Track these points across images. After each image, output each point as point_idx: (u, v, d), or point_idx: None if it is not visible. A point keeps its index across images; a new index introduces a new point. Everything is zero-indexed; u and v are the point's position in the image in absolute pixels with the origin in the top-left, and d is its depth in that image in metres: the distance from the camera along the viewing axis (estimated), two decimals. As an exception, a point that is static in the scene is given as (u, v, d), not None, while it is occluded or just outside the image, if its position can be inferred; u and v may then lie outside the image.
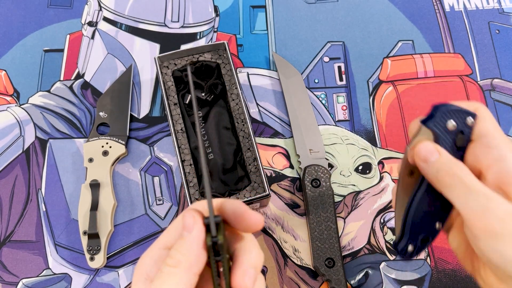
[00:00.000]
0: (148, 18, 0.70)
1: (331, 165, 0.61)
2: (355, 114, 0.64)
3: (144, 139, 0.62)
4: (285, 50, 0.68)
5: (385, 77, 0.66)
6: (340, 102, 0.65)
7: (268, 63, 0.67)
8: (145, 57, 0.67)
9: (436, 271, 0.56)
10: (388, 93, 0.65)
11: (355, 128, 0.63)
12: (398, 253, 0.36)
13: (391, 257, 0.57)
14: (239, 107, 0.58)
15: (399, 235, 0.36)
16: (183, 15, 0.70)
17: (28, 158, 0.61)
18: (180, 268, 0.27)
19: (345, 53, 0.68)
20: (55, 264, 0.56)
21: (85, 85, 0.66)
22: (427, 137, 0.33)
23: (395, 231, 0.36)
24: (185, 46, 0.68)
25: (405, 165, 0.35)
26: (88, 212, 0.56)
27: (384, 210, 0.59)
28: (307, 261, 0.57)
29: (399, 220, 0.36)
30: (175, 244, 0.28)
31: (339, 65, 0.67)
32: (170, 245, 0.29)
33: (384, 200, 0.59)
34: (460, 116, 0.33)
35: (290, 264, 0.56)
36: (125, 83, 0.64)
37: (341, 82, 0.66)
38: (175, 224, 0.30)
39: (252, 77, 0.66)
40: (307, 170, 0.58)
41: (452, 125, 0.33)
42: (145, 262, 0.29)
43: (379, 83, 0.66)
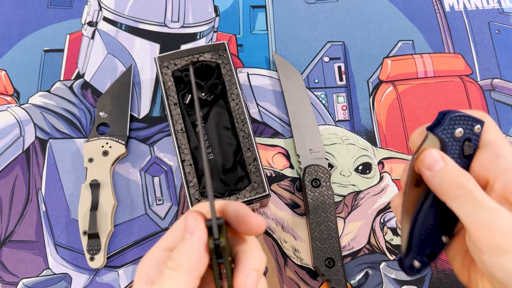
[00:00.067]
0: (148, 18, 0.70)
1: (331, 165, 0.61)
2: (355, 114, 0.64)
3: (144, 139, 0.62)
4: (285, 50, 0.68)
5: (385, 77, 0.66)
6: (340, 102, 0.65)
7: (268, 63, 0.67)
8: (145, 57, 0.67)
9: (436, 271, 0.56)
10: (388, 93, 0.65)
11: (355, 128, 0.63)
12: (404, 270, 0.34)
13: (391, 257, 0.57)
14: (239, 107, 0.58)
15: (405, 250, 0.34)
16: (183, 15, 0.70)
17: (28, 158, 0.61)
18: (181, 271, 0.26)
19: (345, 53, 0.68)
20: (55, 264, 0.56)
21: (85, 85, 0.66)
22: (434, 146, 0.32)
23: (401, 246, 0.35)
24: (185, 46, 0.68)
25: (411, 175, 0.33)
26: (88, 212, 0.56)
27: (384, 210, 0.59)
28: (307, 261, 0.57)
29: (405, 234, 0.34)
30: (177, 246, 0.27)
31: (339, 65, 0.67)
32: (172, 247, 0.29)
33: (384, 200, 0.59)
34: (468, 123, 0.32)
35: (290, 264, 0.56)
36: (125, 83, 0.64)
37: (341, 82, 0.66)
38: (177, 225, 0.30)
39: (252, 77, 0.66)
40: (307, 170, 0.58)
41: (460, 132, 0.32)
42: (146, 264, 0.29)
43: (379, 83, 0.66)
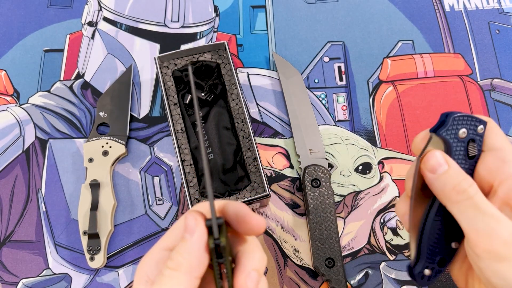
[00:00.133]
0: (148, 18, 0.70)
1: (331, 165, 0.61)
2: (355, 114, 0.64)
3: (144, 139, 0.62)
4: (285, 50, 0.68)
5: (385, 77, 0.66)
6: (340, 102, 0.65)
7: (268, 63, 0.67)
8: (145, 57, 0.67)
9: (436, 271, 0.56)
10: (388, 93, 0.65)
11: (355, 128, 0.63)
12: (414, 279, 0.33)
13: (391, 257, 0.57)
14: (239, 107, 0.58)
15: (415, 258, 0.33)
16: (183, 15, 0.70)
17: (28, 158, 0.61)
18: (181, 271, 0.26)
19: (345, 53, 0.68)
20: (55, 264, 0.56)
21: (85, 85, 0.66)
22: (438, 148, 0.32)
23: (410, 254, 0.34)
24: (185, 46, 0.68)
25: (418, 179, 0.33)
26: (88, 212, 0.56)
27: (384, 210, 0.59)
28: (307, 261, 0.57)
29: (414, 241, 0.33)
30: (177, 246, 0.27)
31: (339, 65, 0.67)
32: (172, 247, 0.29)
33: (384, 200, 0.59)
34: (471, 124, 0.32)
35: (290, 264, 0.56)
36: (125, 83, 0.64)
37: (341, 82, 0.66)
38: (177, 225, 0.30)
39: (252, 77, 0.66)
40: (307, 170, 0.58)
41: (463, 133, 0.32)
42: (146, 264, 0.29)
43: (379, 83, 0.66)
